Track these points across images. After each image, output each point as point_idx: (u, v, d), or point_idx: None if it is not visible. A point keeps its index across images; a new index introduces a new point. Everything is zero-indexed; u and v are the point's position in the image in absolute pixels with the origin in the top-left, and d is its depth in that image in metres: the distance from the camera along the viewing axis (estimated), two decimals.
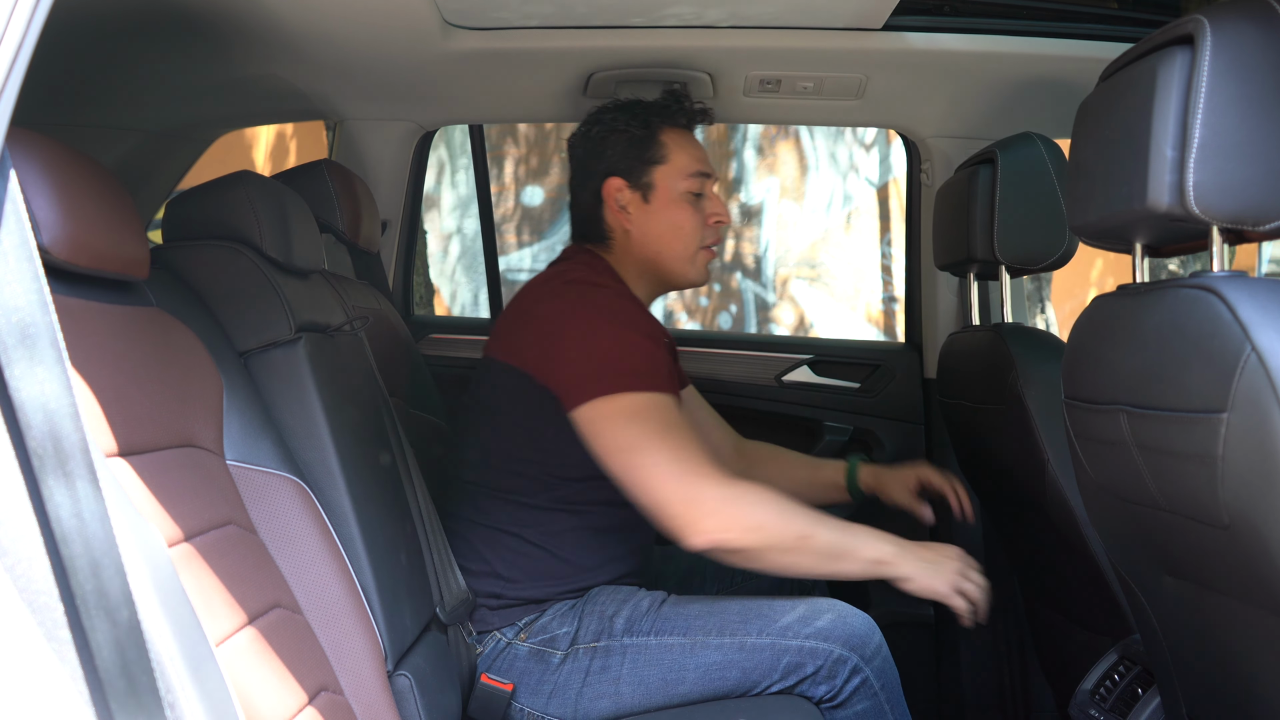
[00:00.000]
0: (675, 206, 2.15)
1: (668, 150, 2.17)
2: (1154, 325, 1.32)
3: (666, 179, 2.16)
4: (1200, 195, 1.22)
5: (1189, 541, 1.34)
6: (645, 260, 2.18)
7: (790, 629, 1.94)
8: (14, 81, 0.96)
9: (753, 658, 1.93)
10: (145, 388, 1.35)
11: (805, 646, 1.92)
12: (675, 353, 2.17)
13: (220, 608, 1.30)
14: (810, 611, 1.96)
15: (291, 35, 2.04)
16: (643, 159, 2.16)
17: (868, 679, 1.92)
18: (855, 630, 1.94)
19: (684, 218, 2.15)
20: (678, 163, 2.16)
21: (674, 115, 2.19)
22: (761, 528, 1.86)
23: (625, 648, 1.96)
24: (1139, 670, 1.88)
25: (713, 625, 1.97)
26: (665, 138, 2.17)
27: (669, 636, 1.96)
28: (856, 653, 1.92)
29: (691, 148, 2.19)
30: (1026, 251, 2.08)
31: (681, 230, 2.15)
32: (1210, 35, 1.20)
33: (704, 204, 2.18)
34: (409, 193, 2.86)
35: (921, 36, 2.23)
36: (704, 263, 2.19)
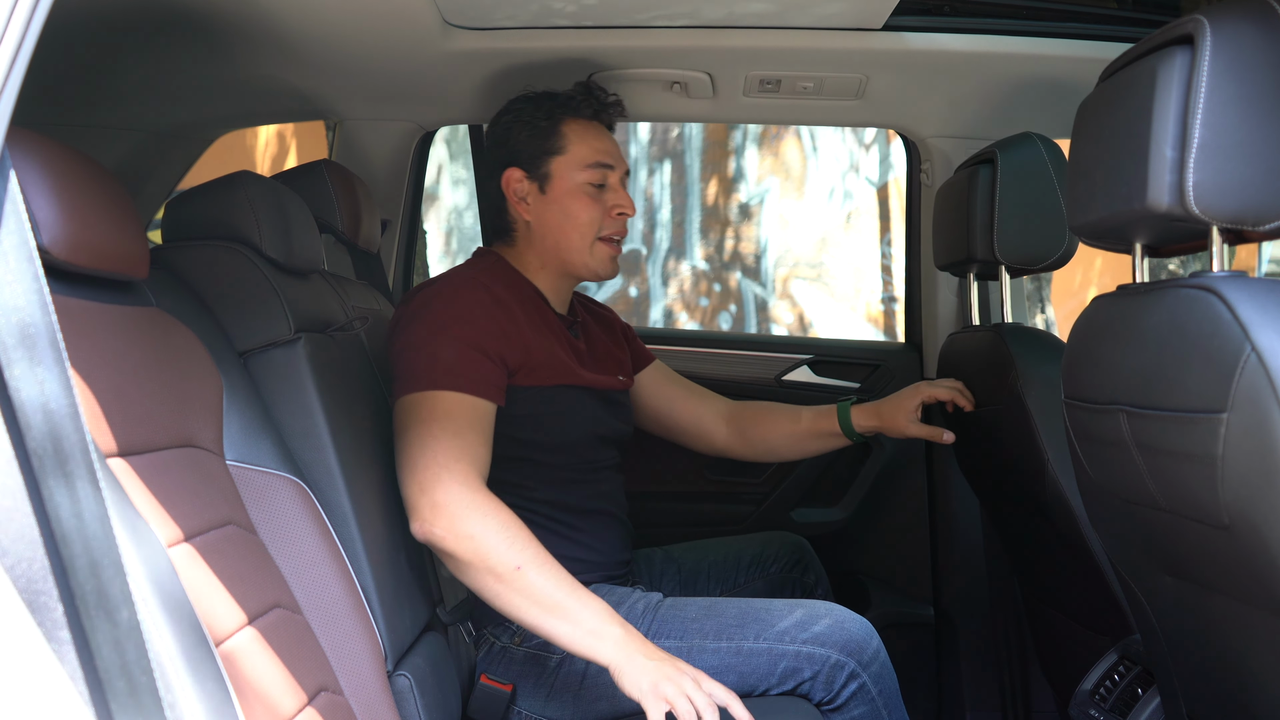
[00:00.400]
0: (571, 197, 2.14)
1: (567, 141, 2.16)
2: (1154, 325, 1.32)
3: (564, 169, 2.15)
4: (1200, 195, 1.22)
5: (1189, 541, 1.35)
6: (546, 252, 2.17)
7: (787, 634, 1.94)
8: (14, 81, 0.96)
9: (750, 662, 1.93)
10: (145, 388, 1.35)
11: (802, 651, 1.92)
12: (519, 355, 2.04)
13: (220, 608, 1.29)
14: (808, 616, 1.96)
15: (291, 35, 2.04)
16: (541, 149, 2.16)
17: (865, 684, 1.92)
18: (853, 635, 1.94)
19: (579, 208, 2.14)
20: (576, 154, 2.15)
21: (578, 107, 2.18)
22: (473, 539, 1.75)
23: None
24: (1139, 670, 1.88)
25: (709, 628, 1.97)
26: (567, 129, 2.17)
27: (666, 639, 1.95)
28: (854, 658, 1.92)
29: (594, 139, 2.18)
30: (1026, 251, 2.08)
31: (576, 221, 2.14)
32: (1210, 35, 1.20)
33: (605, 195, 2.16)
34: (409, 193, 2.86)
35: (921, 36, 2.23)
36: (606, 255, 2.17)
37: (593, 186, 2.15)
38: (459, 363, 1.91)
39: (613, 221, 2.17)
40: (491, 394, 1.94)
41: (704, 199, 7.74)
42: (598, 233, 2.15)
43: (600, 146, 2.17)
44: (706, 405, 2.50)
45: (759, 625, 1.96)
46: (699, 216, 7.72)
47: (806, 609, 1.98)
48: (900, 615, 2.81)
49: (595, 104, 2.20)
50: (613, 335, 2.39)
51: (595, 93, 2.21)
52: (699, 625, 1.97)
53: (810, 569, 2.46)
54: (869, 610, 2.73)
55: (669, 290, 7.71)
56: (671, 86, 2.43)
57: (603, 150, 2.17)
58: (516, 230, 2.20)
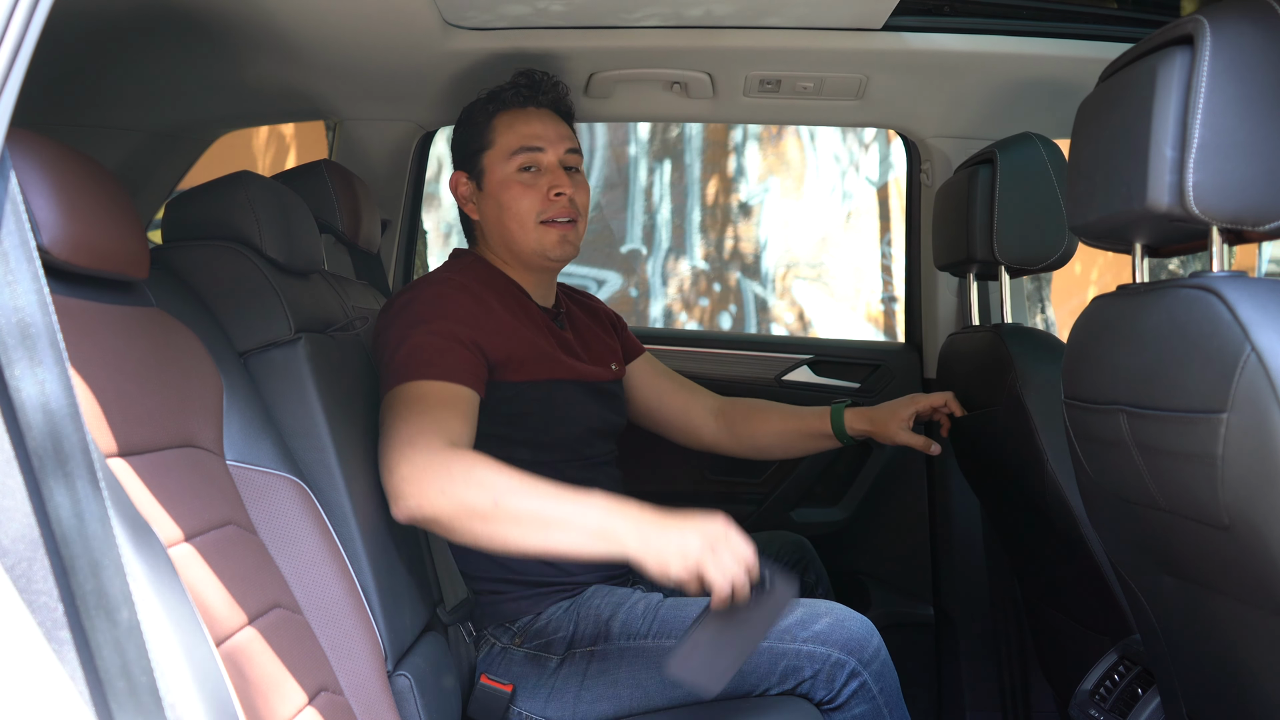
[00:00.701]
0: (503, 188, 2.13)
1: (495, 134, 2.15)
2: (1154, 325, 1.32)
3: (493, 162, 2.15)
4: (1200, 195, 1.22)
5: (1189, 541, 1.34)
6: (501, 245, 2.17)
7: (788, 632, 1.93)
8: (14, 81, 0.96)
9: (750, 661, 1.92)
10: (145, 388, 1.35)
11: (803, 650, 1.92)
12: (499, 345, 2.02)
13: (220, 608, 1.30)
14: (808, 614, 1.96)
15: (292, 35, 2.04)
16: (474, 147, 2.18)
17: (866, 683, 1.91)
18: (853, 634, 1.94)
19: (511, 198, 2.12)
20: (502, 143, 2.14)
21: (507, 98, 2.17)
22: (444, 493, 1.68)
23: (623, 651, 1.96)
24: (1139, 670, 1.88)
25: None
26: (497, 122, 2.16)
27: (666, 639, 1.95)
28: (854, 656, 1.92)
29: (522, 125, 2.15)
30: (1026, 251, 2.08)
31: (512, 211, 2.12)
32: (1210, 35, 1.20)
33: (540, 179, 2.13)
34: (409, 193, 2.86)
35: (921, 37, 2.23)
36: (552, 238, 2.12)
37: (523, 172, 2.13)
38: (433, 353, 1.90)
39: (551, 204, 2.12)
40: (468, 380, 1.91)
41: (704, 198, 7.74)
42: (538, 218, 2.12)
43: (528, 131, 2.14)
44: (695, 399, 2.49)
45: None
46: (699, 216, 7.72)
47: (807, 607, 1.98)
48: (900, 615, 2.81)
49: (524, 91, 2.18)
50: (601, 325, 2.38)
51: (524, 79, 2.18)
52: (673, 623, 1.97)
53: (810, 568, 2.45)
54: (869, 610, 2.73)
55: (669, 290, 7.71)
56: (671, 86, 2.43)
57: (530, 135, 2.14)
58: (476, 231, 2.22)
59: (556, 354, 2.10)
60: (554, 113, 2.21)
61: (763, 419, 2.46)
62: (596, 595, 2.06)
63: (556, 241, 2.13)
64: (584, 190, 2.19)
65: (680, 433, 2.50)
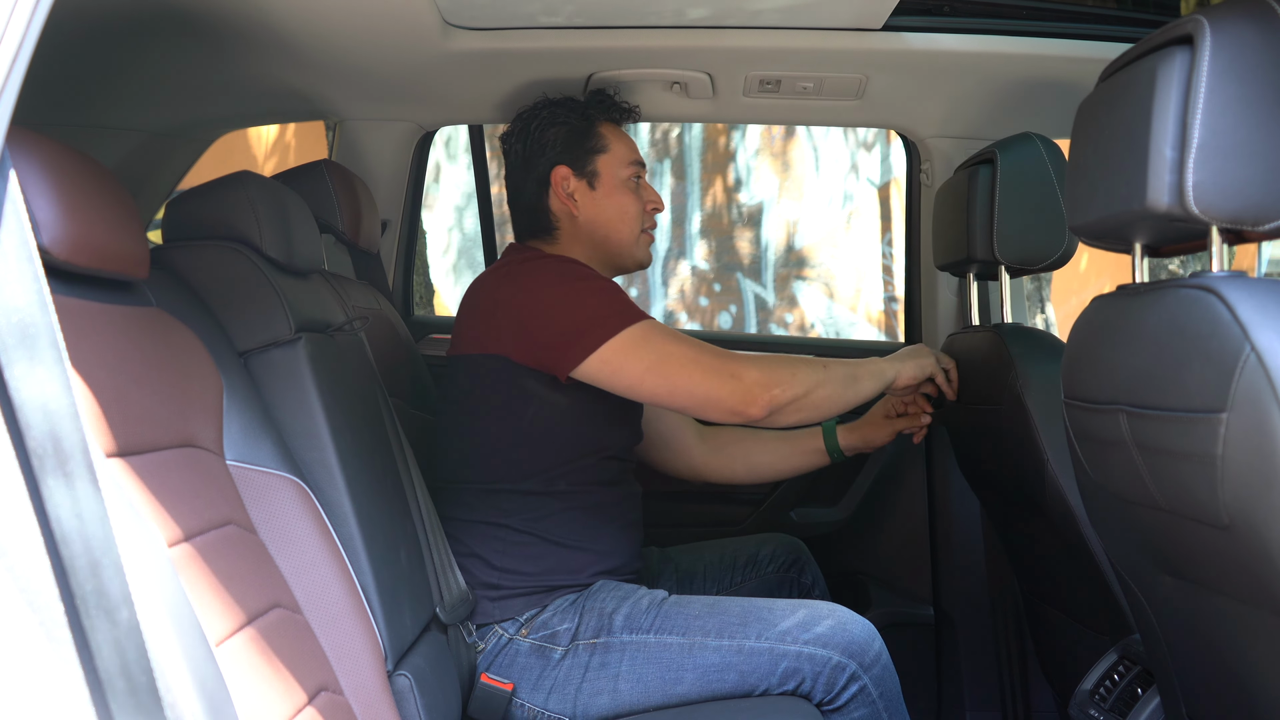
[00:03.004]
0: (620, 192, 2.26)
1: (608, 140, 2.27)
2: (1153, 325, 1.32)
3: (610, 166, 2.26)
4: (1200, 195, 1.22)
5: (1188, 542, 1.34)
6: (594, 244, 2.26)
7: (789, 634, 1.94)
8: (14, 81, 0.96)
9: (751, 661, 1.94)
10: (145, 388, 1.35)
11: (804, 652, 1.93)
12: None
13: (220, 608, 1.30)
14: (810, 617, 1.97)
15: (291, 35, 2.04)
16: (586, 148, 2.26)
17: (865, 686, 1.92)
18: (855, 637, 1.94)
19: (628, 202, 2.26)
20: (618, 152, 2.27)
21: (608, 110, 2.30)
22: (796, 375, 2.04)
23: (624, 645, 1.97)
24: (1139, 670, 1.88)
25: (712, 626, 1.97)
26: (603, 130, 2.28)
27: (668, 635, 1.96)
28: (855, 660, 1.93)
29: (627, 140, 2.31)
30: (1026, 251, 2.08)
31: (627, 214, 2.26)
32: (1210, 35, 1.20)
33: (641, 191, 2.29)
34: (409, 193, 2.86)
35: (921, 37, 2.23)
36: (646, 245, 2.31)
37: (634, 182, 2.27)
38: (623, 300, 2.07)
39: (649, 216, 2.30)
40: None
41: (704, 199, 7.74)
42: (642, 224, 2.28)
43: (634, 146, 2.32)
44: (684, 424, 2.50)
45: (761, 624, 1.97)
46: (699, 217, 7.72)
47: (809, 609, 1.98)
48: (900, 615, 2.81)
49: (619, 109, 2.32)
50: None
51: (617, 99, 2.33)
52: (701, 623, 1.98)
53: (807, 570, 2.47)
54: (869, 610, 2.73)
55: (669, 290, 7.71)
56: (671, 86, 2.43)
57: (636, 150, 2.32)
58: (560, 226, 2.26)
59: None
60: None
61: (754, 441, 2.50)
62: (603, 590, 2.07)
63: (647, 250, 2.31)
64: None
65: (668, 451, 2.51)
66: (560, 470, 2.09)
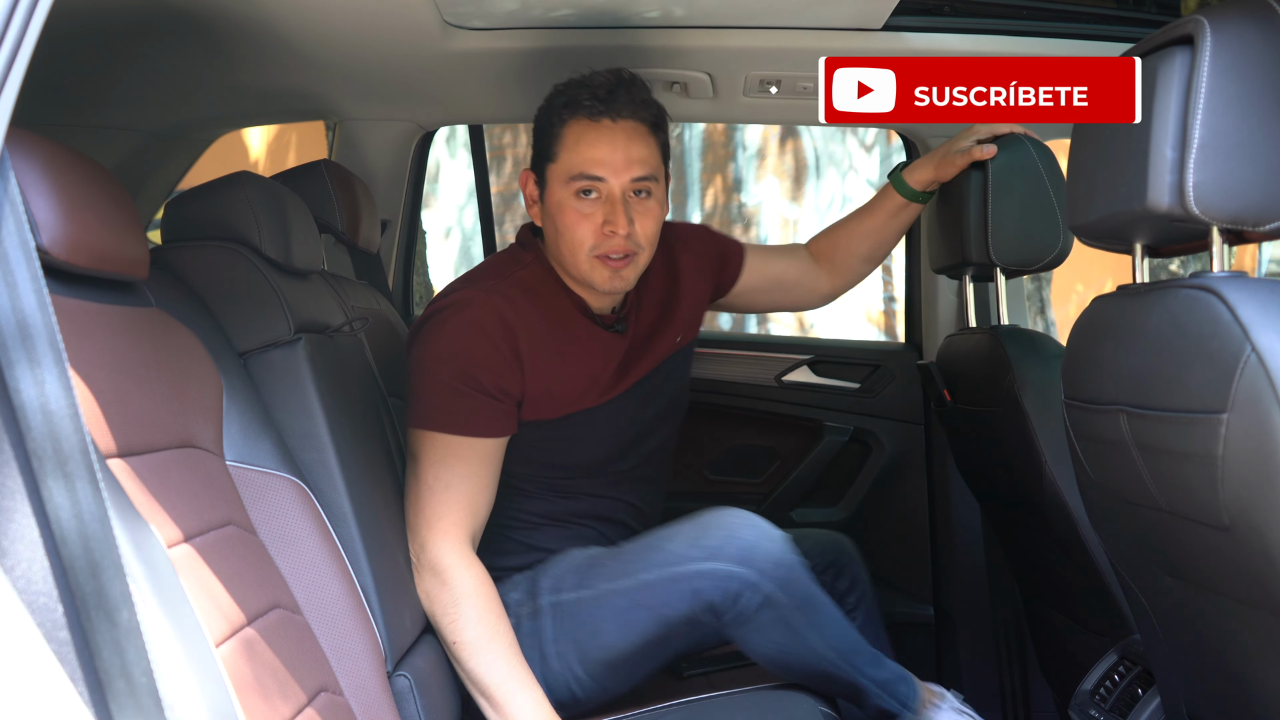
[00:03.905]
0: (559, 211, 1.95)
1: (562, 145, 1.95)
2: (1154, 326, 1.32)
3: (554, 179, 1.97)
4: (1200, 196, 1.22)
5: (1189, 542, 1.35)
6: (556, 260, 2.03)
7: (681, 555, 1.89)
8: (14, 81, 0.96)
9: (654, 594, 1.89)
10: (145, 388, 1.35)
11: (698, 569, 1.87)
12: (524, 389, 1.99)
13: (220, 608, 1.29)
14: (699, 532, 1.91)
15: (291, 35, 2.04)
16: (542, 153, 2.00)
17: (772, 594, 1.85)
18: (747, 544, 1.87)
19: (565, 223, 1.95)
20: (565, 162, 1.95)
21: (579, 103, 1.94)
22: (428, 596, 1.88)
23: (552, 607, 1.97)
24: (1139, 670, 1.88)
25: (613, 570, 1.95)
26: (567, 131, 1.95)
27: (583, 591, 1.95)
28: (750, 567, 1.85)
29: (588, 146, 1.93)
30: (1021, 253, 2.08)
31: (565, 237, 1.95)
32: (1210, 35, 1.20)
33: (596, 210, 1.94)
34: (409, 193, 2.86)
35: (921, 37, 2.22)
36: (603, 274, 1.95)
37: (581, 197, 1.94)
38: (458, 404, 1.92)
39: (605, 239, 1.93)
40: (495, 431, 1.95)
41: (703, 200, 7.73)
42: (590, 251, 1.94)
43: (592, 156, 1.93)
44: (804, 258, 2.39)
45: (654, 553, 1.92)
46: (699, 217, 7.72)
47: (700, 526, 1.92)
48: (900, 615, 2.81)
49: (599, 102, 1.94)
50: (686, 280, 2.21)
51: (601, 82, 1.95)
52: (602, 569, 1.96)
53: (845, 573, 2.30)
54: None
55: None
56: (671, 86, 2.42)
57: (593, 160, 1.93)
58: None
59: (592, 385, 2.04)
60: (637, 124, 1.97)
61: (846, 234, 2.35)
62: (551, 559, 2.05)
63: (607, 278, 1.96)
64: (650, 217, 1.98)
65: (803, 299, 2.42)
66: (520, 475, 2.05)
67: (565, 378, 2.00)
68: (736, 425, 2.97)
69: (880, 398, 2.91)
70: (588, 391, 2.03)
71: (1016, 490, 2.10)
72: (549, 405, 2.00)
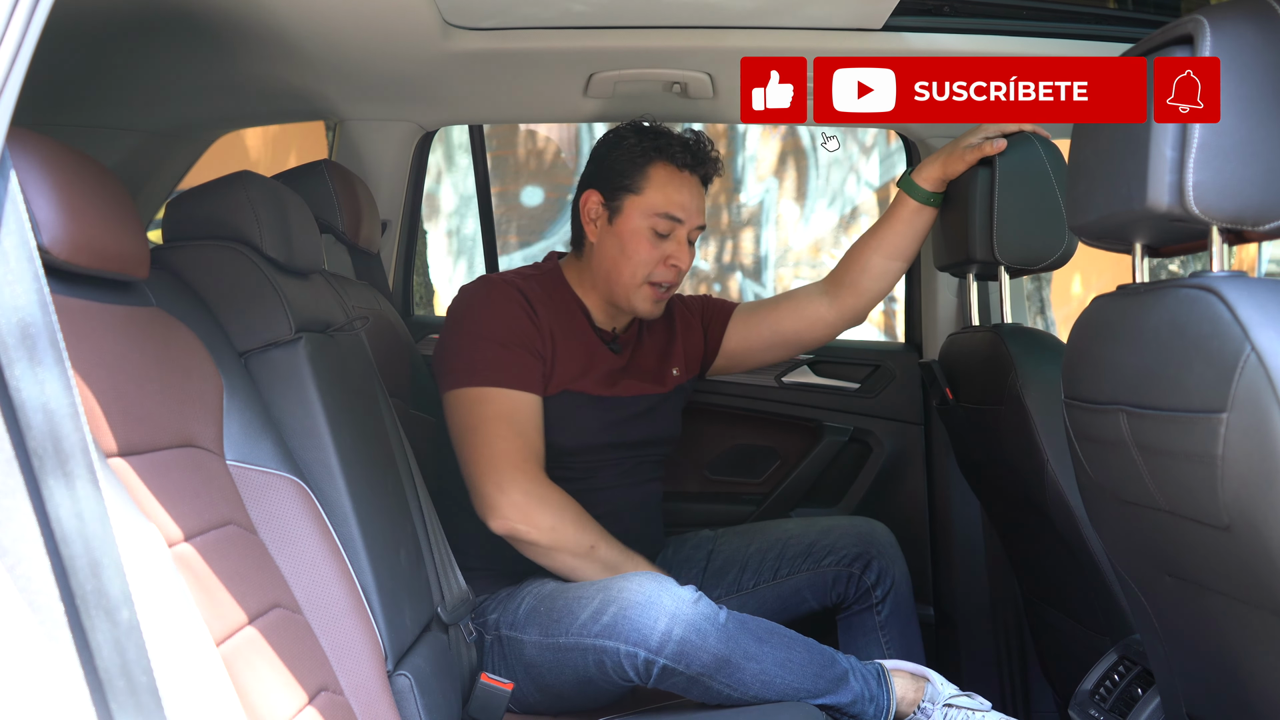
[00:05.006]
0: (633, 236, 2.20)
1: (648, 183, 2.21)
2: (1154, 325, 1.32)
3: (634, 208, 2.21)
4: (1200, 195, 1.22)
5: (1189, 542, 1.35)
6: (600, 275, 2.25)
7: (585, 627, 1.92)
8: (14, 81, 0.95)
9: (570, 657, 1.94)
10: (145, 388, 1.34)
11: (599, 645, 1.89)
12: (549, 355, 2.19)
13: (220, 608, 1.29)
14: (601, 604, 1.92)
15: (291, 35, 2.03)
16: (621, 183, 2.22)
17: (666, 665, 1.85)
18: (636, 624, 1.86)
19: (635, 248, 2.20)
20: (651, 199, 2.20)
21: (675, 153, 2.22)
22: (554, 530, 2.04)
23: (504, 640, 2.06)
24: (1139, 670, 1.88)
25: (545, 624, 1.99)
26: (654, 170, 2.21)
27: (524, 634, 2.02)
28: (641, 647, 1.86)
29: (674, 190, 2.21)
30: (1025, 252, 2.08)
31: (631, 260, 2.20)
32: (1210, 35, 1.21)
33: (666, 244, 2.21)
34: (409, 193, 2.85)
35: (921, 37, 2.22)
36: (648, 298, 2.23)
37: (656, 234, 2.20)
38: (507, 358, 2.10)
39: (664, 270, 2.21)
40: (538, 387, 2.14)
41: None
42: (648, 277, 2.21)
43: (678, 199, 2.20)
44: (802, 300, 2.45)
45: (568, 617, 1.96)
46: None
47: (604, 597, 1.92)
48: None
49: (692, 156, 2.23)
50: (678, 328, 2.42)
51: (697, 146, 2.24)
52: (535, 620, 2.01)
53: (873, 566, 2.34)
54: None
55: None
56: (671, 87, 2.42)
57: (678, 204, 2.20)
58: (585, 246, 2.28)
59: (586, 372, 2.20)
60: (705, 181, 2.28)
61: (860, 250, 2.38)
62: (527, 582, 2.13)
63: (650, 301, 2.24)
64: (693, 258, 2.27)
65: (810, 335, 2.46)
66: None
67: (572, 356, 2.20)
68: (737, 425, 2.97)
69: (880, 398, 2.91)
70: (586, 376, 2.21)
71: (1018, 489, 2.09)
72: (560, 376, 2.18)
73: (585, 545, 2.06)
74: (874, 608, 2.28)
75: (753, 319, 2.47)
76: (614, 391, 2.23)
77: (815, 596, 2.34)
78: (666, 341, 2.39)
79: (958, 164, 2.17)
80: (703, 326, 2.45)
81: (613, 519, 2.18)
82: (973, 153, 2.12)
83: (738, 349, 2.46)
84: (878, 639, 2.30)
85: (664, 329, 2.40)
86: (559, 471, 2.16)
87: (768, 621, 1.95)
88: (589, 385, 2.21)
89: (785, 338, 2.46)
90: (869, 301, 2.41)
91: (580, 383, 2.20)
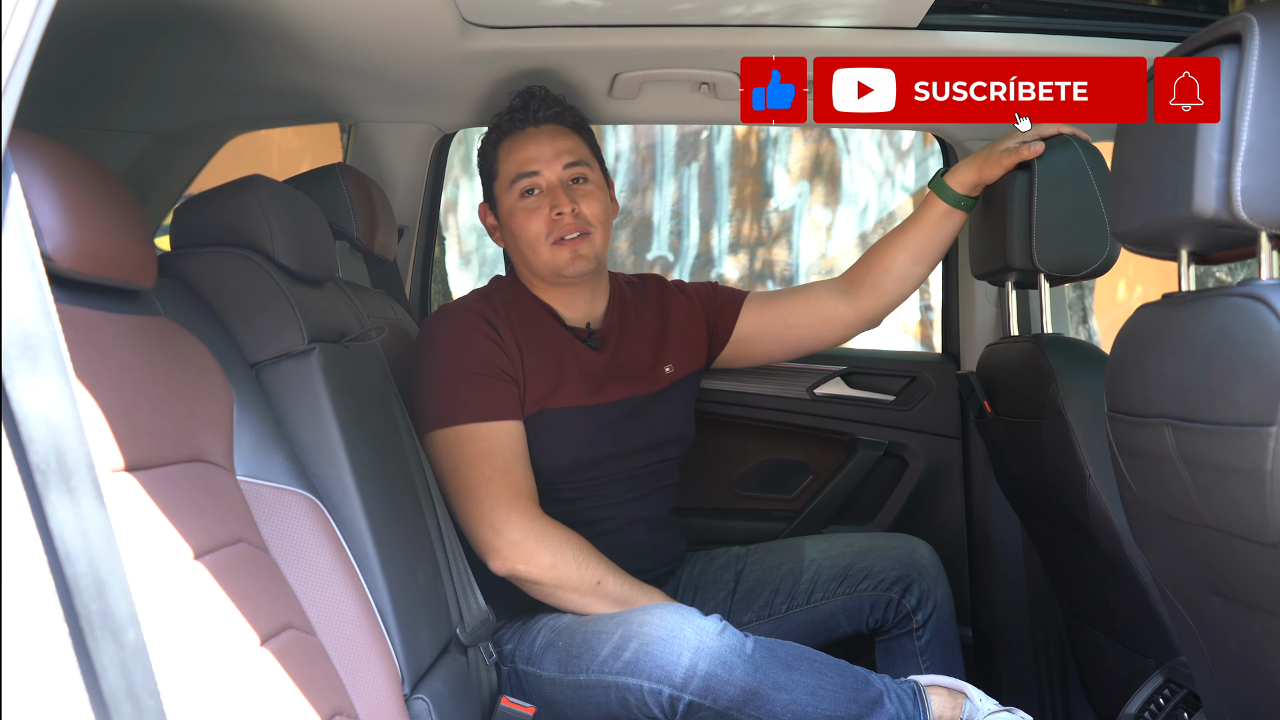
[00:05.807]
0: (511, 217, 2.20)
1: (499, 163, 2.22)
2: (1200, 335, 1.30)
3: (501, 193, 2.22)
4: (1248, 200, 1.20)
5: (1236, 560, 1.32)
6: (524, 268, 2.24)
7: (606, 664, 1.89)
8: (17, 82, 0.95)
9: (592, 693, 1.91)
10: (152, 400, 1.34)
11: (621, 683, 1.87)
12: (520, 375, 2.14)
13: (230, 629, 1.28)
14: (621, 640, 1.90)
15: (305, 35, 2.03)
16: (488, 182, 2.26)
17: (692, 702, 1.82)
18: (659, 661, 1.84)
19: (518, 224, 2.18)
20: (503, 172, 2.21)
21: (505, 126, 2.23)
22: (555, 567, 2.00)
23: (520, 674, 2.03)
24: (1185, 694, 1.85)
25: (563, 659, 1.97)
26: (501, 150, 2.23)
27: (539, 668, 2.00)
28: (665, 684, 1.83)
29: (518, 151, 2.19)
30: (1066, 259, 2.05)
31: (521, 236, 2.18)
32: (1259, 34, 1.19)
33: (539, 200, 2.17)
34: (427, 198, 2.84)
35: (958, 35, 2.21)
36: (565, 255, 2.15)
37: (525, 197, 2.17)
38: (471, 391, 2.06)
39: (556, 223, 2.15)
40: (512, 411, 2.09)
41: (733, 205, 7.73)
42: (547, 239, 2.15)
43: (522, 157, 2.18)
44: (818, 294, 2.40)
45: (588, 654, 1.93)
46: (728, 223, 7.72)
47: (625, 628, 1.91)
48: None
49: (519, 115, 2.21)
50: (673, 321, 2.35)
51: (518, 101, 2.22)
52: (552, 654, 1.99)
53: (914, 589, 2.28)
54: None
55: None
56: (699, 87, 2.41)
57: (524, 160, 2.18)
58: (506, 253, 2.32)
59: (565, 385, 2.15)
60: (557, 126, 2.23)
61: (883, 250, 2.33)
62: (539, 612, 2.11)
63: (569, 259, 2.16)
64: (594, 199, 2.19)
65: (825, 333, 2.41)
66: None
67: (545, 369, 2.15)
68: (767, 439, 2.95)
69: (916, 410, 2.88)
70: (563, 388, 2.16)
71: (1059, 504, 2.07)
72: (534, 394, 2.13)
73: (590, 581, 2.01)
74: (914, 632, 2.24)
75: (767, 308, 2.42)
76: (597, 399, 2.18)
77: (850, 622, 2.29)
78: (659, 335, 2.32)
79: (994, 169, 2.12)
80: (706, 316, 2.39)
81: (623, 535, 2.17)
82: (1010, 157, 2.08)
83: (748, 336, 2.40)
84: (917, 664, 2.25)
85: (655, 321, 2.34)
86: (558, 494, 2.13)
87: (798, 646, 1.92)
88: (566, 398, 2.15)
89: (797, 332, 2.40)
90: (889, 304, 2.36)
91: (556, 398, 2.14)
